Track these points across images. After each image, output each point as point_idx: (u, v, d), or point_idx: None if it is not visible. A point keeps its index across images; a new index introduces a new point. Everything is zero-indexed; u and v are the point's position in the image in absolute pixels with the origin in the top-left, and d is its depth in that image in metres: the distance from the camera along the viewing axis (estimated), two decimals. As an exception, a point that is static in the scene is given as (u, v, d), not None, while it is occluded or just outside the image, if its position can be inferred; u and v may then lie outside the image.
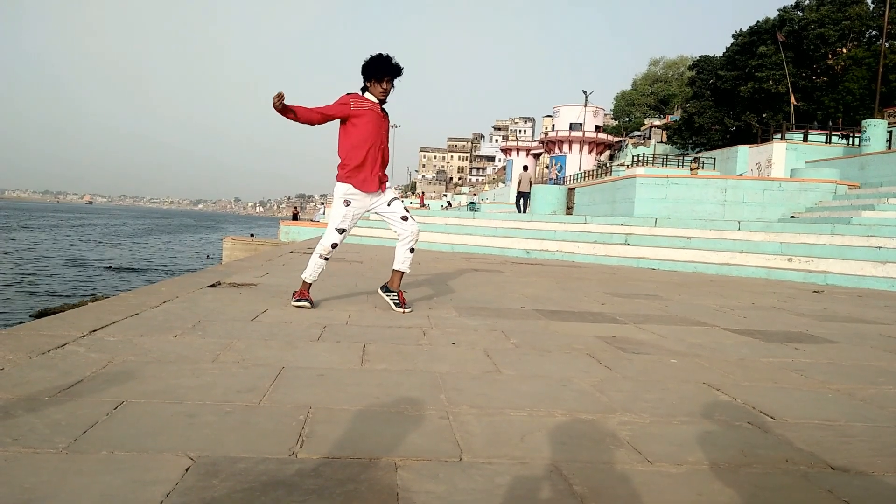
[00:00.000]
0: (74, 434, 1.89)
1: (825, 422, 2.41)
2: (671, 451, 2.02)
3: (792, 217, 13.68)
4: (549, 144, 65.44)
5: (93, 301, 5.67)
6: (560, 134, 63.93)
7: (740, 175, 25.31)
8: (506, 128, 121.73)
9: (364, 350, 3.27)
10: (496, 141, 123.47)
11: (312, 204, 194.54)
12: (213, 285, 5.53)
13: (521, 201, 20.87)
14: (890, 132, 22.93)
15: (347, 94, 4.41)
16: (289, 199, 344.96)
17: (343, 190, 4.45)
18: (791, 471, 1.90)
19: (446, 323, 4.27)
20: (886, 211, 12.12)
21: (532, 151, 73.26)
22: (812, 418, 2.45)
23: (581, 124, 62.43)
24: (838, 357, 3.74)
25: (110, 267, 31.75)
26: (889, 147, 21.78)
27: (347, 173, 4.43)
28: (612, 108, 76.99)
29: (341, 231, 4.51)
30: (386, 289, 4.78)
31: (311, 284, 4.68)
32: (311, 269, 4.62)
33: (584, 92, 58.92)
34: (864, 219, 11.74)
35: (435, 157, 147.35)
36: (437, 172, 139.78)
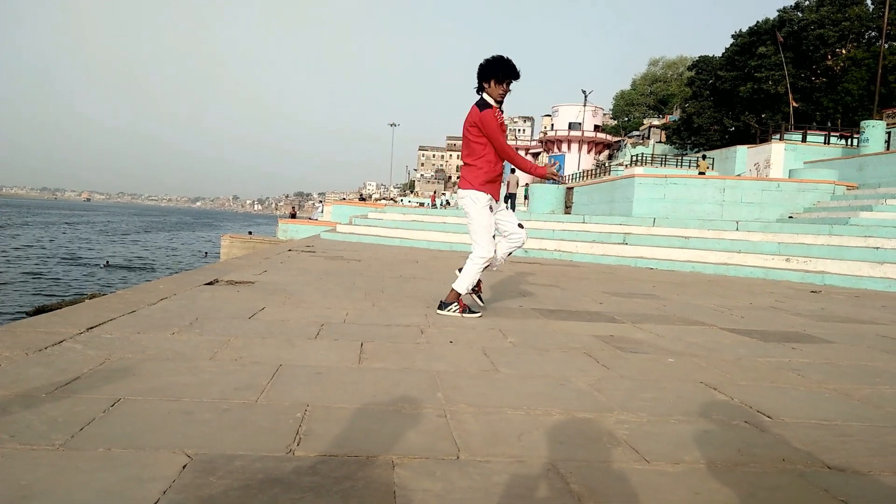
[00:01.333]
0: (71, 431, 1.88)
1: (822, 421, 2.42)
2: (668, 450, 2.02)
3: (790, 217, 13.69)
4: (548, 144, 65.49)
5: (90, 298, 5.66)
6: (559, 133, 64.00)
7: (739, 175, 25.35)
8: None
9: (362, 348, 3.27)
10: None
11: (311, 202, 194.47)
12: (210, 283, 5.53)
13: (508, 202, 21.66)
14: (888, 133, 22.96)
15: (489, 110, 4.33)
16: (287, 197, 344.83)
17: (485, 199, 4.46)
18: (788, 470, 1.90)
19: (444, 322, 4.27)
20: (884, 212, 12.14)
21: (531, 151, 73.29)
22: (809, 418, 2.45)
23: (580, 124, 62.50)
24: (835, 357, 3.74)
25: (108, 263, 31.73)
26: (887, 148, 21.81)
27: (485, 184, 4.44)
28: (612, 107, 77.02)
29: (493, 237, 4.54)
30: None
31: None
32: (469, 282, 4.55)
33: (584, 91, 58.95)
34: (862, 219, 11.76)
35: (434, 156, 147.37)
36: (436, 171, 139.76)
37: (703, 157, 28.15)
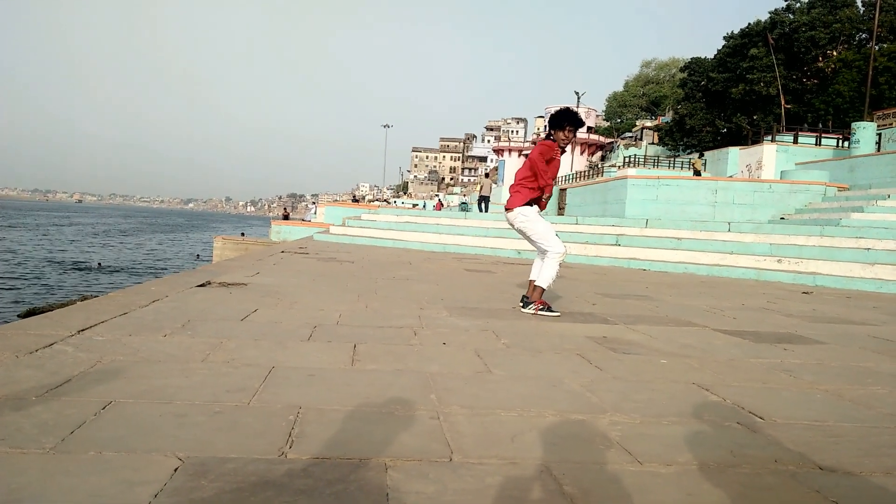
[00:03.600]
0: (62, 434, 1.87)
1: (814, 422, 2.43)
2: (661, 451, 2.02)
3: (782, 218, 13.75)
4: (541, 145, 65.51)
5: (81, 300, 5.63)
6: (552, 135, 63.99)
7: (731, 176, 25.44)
8: (498, 128, 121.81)
9: (355, 350, 3.26)
10: (488, 141, 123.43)
11: (304, 204, 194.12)
12: (203, 285, 5.51)
13: (483, 204, 23.02)
14: (879, 135, 23.09)
15: (547, 141, 5.02)
16: (280, 198, 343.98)
17: (535, 210, 5.12)
18: (780, 471, 1.91)
19: (437, 323, 4.27)
20: (875, 213, 12.22)
21: (524, 152, 73.33)
22: (801, 419, 2.46)
23: (573, 125, 62.54)
24: (827, 358, 3.76)
25: (100, 265, 31.60)
26: (878, 149, 21.93)
27: (532, 197, 5.07)
28: (604, 109, 77.23)
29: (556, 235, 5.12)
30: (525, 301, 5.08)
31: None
32: (551, 278, 4.99)
33: (577, 93, 59.04)
34: (853, 221, 11.83)
35: (427, 157, 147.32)
36: (430, 172, 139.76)
37: (700, 155, 28.12)
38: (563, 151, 5.09)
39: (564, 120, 4.96)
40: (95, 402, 2.17)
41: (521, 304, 5.08)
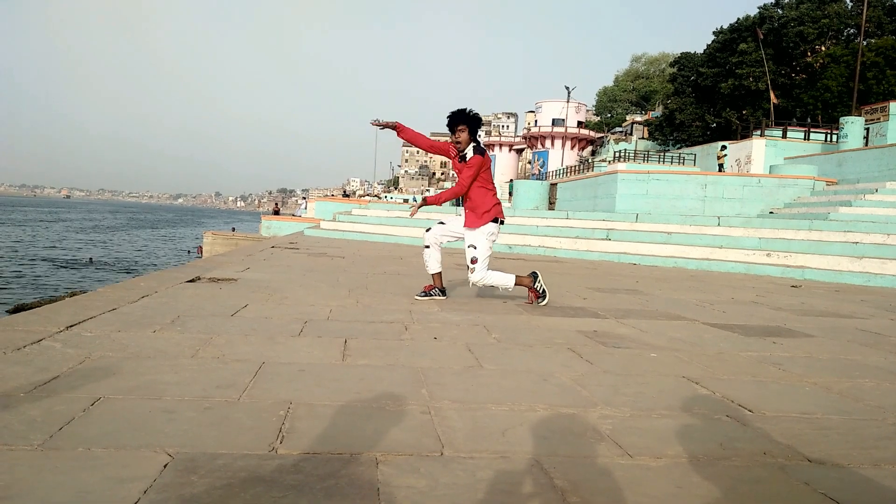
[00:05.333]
0: (50, 431, 1.86)
1: (802, 415, 2.44)
2: (651, 444, 2.03)
3: (771, 213, 13.83)
4: (532, 140, 65.58)
5: (70, 296, 5.59)
6: (542, 129, 64.09)
7: (720, 171, 25.54)
8: (488, 123, 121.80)
9: (345, 345, 3.26)
10: (479, 136, 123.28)
11: (295, 199, 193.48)
12: (192, 280, 5.48)
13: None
14: (867, 129, 23.25)
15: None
16: (270, 193, 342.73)
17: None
18: (769, 463, 1.92)
19: (428, 318, 4.27)
20: (863, 207, 12.30)
21: (515, 147, 73.43)
22: (790, 411, 2.48)
23: (563, 120, 62.64)
24: (816, 351, 3.78)
25: (91, 260, 31.39)
26: (866, 144, 22.08)
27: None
28: (594, 104, 77.30)
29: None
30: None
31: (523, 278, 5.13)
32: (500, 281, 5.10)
33: (567, 88, 59.11)
34: (842, 215, 11.91)
35: (418, 153, 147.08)
36: (420, 167, 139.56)
37: (723, 147, 27.80)
38: (460, 153, 5.10)
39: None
40: (84, 398, 2.16)
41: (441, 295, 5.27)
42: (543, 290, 5.14)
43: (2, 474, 1.57)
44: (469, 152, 5.04)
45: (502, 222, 5.17)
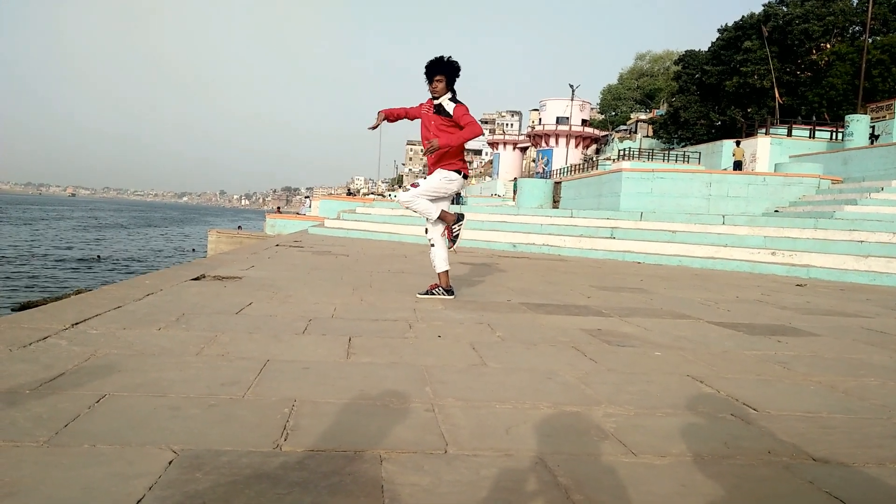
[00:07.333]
0: (56, 427, 1.87)
1: (807, 414, 2.44)
2: (655, 442, 2.03)
3: (776, 211, 13.78)
4: (536, 138, 65.48)
5: (75, 294, 5.61)
6: (547, 128, 63.98)
7: (725, 169, 25.48)
8: (493, 121, 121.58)
9: (350, 343, 3.26)
10: (483, 134, 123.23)
11: (299, 197, 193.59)
12: (197, 278, 5.49)
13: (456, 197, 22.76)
14: (872, 127, 23.17)
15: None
16: (275, 192, 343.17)
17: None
18: (773, 462, 1.92)
19: (432, 316, 4.27)
20: (869, 205, 12.25)
21: (519, 145, 73.29)
22: (794, 410, 2.47)
23: (567, 118, 62.53)
24: (821, 350, 3.77)
25: (99, 258, 31.48)
26: (872, 142, 21.99)
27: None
28: (599, 102, 77.12)
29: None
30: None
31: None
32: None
33: (571, 86, 58.92)
34: (847, 213, 11.86)
35: (422, 151, 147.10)
36: (424, 166, 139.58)
37: (738, 143, 27.65)
38: (435, 104, 4.94)
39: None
40: (90, 395, 2.17)
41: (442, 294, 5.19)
42: (457, 235, 5.09)
43: (8, 470, 1.58)
44: (446, 102, 4.87)
45: (466, 176, 5.08)
